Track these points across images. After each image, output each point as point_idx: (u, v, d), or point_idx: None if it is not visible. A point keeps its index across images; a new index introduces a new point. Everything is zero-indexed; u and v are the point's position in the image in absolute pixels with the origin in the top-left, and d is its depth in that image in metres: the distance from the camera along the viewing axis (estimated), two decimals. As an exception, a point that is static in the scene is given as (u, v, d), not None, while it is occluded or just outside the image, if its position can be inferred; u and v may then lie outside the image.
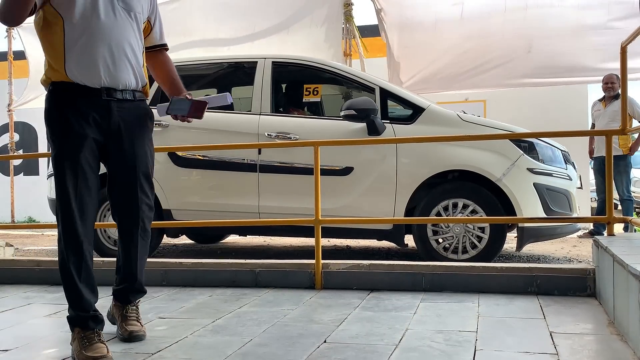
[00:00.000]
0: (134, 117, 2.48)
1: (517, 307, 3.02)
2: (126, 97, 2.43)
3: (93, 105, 2.36)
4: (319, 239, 3.72)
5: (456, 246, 4.57)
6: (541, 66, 6.91)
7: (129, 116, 2.45)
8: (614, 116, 6.53)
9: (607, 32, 6.62)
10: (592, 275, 3.25)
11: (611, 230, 3.52)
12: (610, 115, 6.62)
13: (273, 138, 4.88)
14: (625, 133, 3.68)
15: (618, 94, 6.59)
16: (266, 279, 3.72)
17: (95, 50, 2.32)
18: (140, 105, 2.52)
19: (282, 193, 4.87)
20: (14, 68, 8.99)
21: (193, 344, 2.49)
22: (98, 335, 2.34)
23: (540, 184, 4.54)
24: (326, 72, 5.11)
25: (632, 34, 3.32)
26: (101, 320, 2.42)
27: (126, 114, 2.45)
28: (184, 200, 5.09)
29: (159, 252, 6.05)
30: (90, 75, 2.33)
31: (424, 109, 4.74)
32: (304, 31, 7.57)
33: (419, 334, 2.55)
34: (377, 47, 8.34)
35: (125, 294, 2.64)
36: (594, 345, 2.38)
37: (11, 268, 4.15)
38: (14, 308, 3.25)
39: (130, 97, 2.45)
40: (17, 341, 2.59)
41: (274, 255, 5.81)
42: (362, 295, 3.40)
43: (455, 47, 7.09)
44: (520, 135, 4.54)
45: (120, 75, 2.39)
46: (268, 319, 2.88)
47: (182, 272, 3.86)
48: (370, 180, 4.71)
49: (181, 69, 5.50)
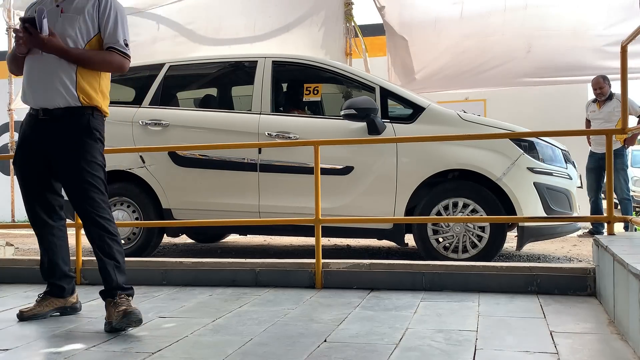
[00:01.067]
0: (67, 131, 2.84)
1: (517, 307, 3.02)
2: (58, 115, 2.82)
3: (34, 122, 2.89)
4: (319, 238, 3.72)
5: (456, 245, 4.57)
6: (541, 66, 6.91)
7: (61, 131, 2.84)
8: (609, 117, 6.58)
9: (606, 31, 6.62)
10: (593, 275, 3.25)
11: (611, 229, 3.52)
12: (605, 117, 6.63)
13: (273, 137, 4.88)
14: (626, 132, 3.68)
15: (611, 94, 6.62)
16: (266, 278, 3.72)
17: (31, 78, 2.85)
18: (77, 121, 2.85)
19: (282, 192, 4.87)
20: (14, 67, 8.99)
21: (193, 343, 2.49)
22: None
23: (540, 183, 4.54)
24: (326, 72, 5.11)
25: (632, 34, 3.32)
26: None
27: (58, 128, 2.83)
28: (184, 200, 5.09)
29: (159, 251, 6.05)
30: (29, 99, 2.87)
31: (424, 109, 4.74)
32: (304, 30, 7.57)
33: (419, 333, 2.56)
34: (378, 46, 8.34)
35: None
36: (594, 345, 2.38)
37: (12, 267, 4.15)
38: (14, 307, 3.25)
39: (61, 114, 2.82)
40: (18, 340, 2.60)
41: (274, 254, 5.81)
42: (362, 294, 3.40)
43: (455, 47, 7.09)
44: (521, 134, 4.53)
45: (50, 97, 2.80)
46: (268, 318, 2.88)
47: (182, 272, 3.86)
48: (371, 179, 4.71)
49: (182, 67, 5.53)
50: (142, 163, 5.16)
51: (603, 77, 6.62)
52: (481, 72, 7.08)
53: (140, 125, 5.21)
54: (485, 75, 7.10)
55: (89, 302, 3.39)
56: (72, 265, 4.02)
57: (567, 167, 4.86)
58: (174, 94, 5.62)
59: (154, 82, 5.34)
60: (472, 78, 7.14)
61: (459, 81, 7.22)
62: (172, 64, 5.45)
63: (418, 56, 7.25)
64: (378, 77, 5.13)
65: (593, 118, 6.81)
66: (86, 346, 2.48)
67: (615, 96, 6.55)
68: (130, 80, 5.62)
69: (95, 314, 3.06)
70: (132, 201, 5.22)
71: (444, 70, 7.19)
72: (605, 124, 6.54)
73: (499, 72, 7.05)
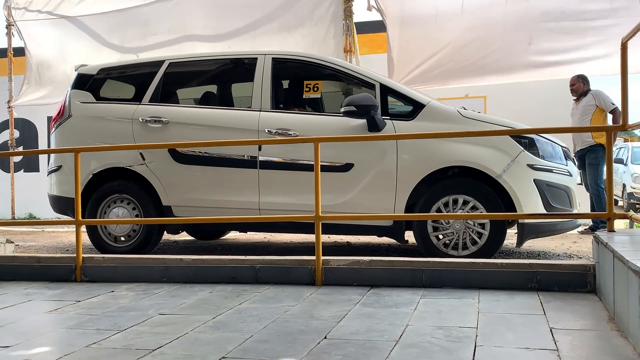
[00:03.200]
0: None
1: (517, 303, 3.02)
2: None
3: None
4: (319, 235, 3.72)
5: (456, 242, 4.57)
6: (542, 59, 6.89)
7: None
8: (585, 111, 6.64)
9: (609, 22, 6.59)
10: (592, 272, 3.26)
11: (611, 226, 3.52)
12: (582, 111, 6.69)
13: (273, 134, 4.88)
14: (626, 129, 3.67)
15: (587, 90, 6.69)
16: (266, 275, 3.72)
17: None
18: None
19: (282, 189, 4.87)
20: (14, 65, 8.99)
21: (194, 340, 2.50)
22: None
23: (540, 180, 4.54)
24: (326, 68, 5.11)
25: (633, 30, 3.31)
26: None
27: None
28: (184, 197, 5.09)
29: (159, 248, 6.06)
30: None
31: (424, 105, 4.74)
32: (304, 27, 7.57)
33: (419, 329, 2.56)
34: (378, 43, 8.33)
35: None
36: (594, 341, 2.38)
37: (12, 265, 4.16)
38: (14, 305, 3.26)
39: None
40: (18, 337, 2.60)
41: (275, 251, 5.81)
42: (362, 291, 3.40)
43: (455, 40, 7.07)
44: (521, 131, 4.53)
45: None
46: (268, 315, 2.88)
47: (182, 269, 3.87)
48: (371, 176, 4.71)
49: (182, 65, 5.53)
50: (142, 160, 5.16)
51: (578, 76, 6.74)
52: (482, 65, 7.07)
53: (140, 122, 5.21)
54: (486, 69, 7.09)
55: (89, 299, 3.39)
56: (72, 263, 4.04)
57: (567, 164, 4.86)
58: (174, 91, 5.62)
59: (153, 79, 5.34)
60: (473, 72, 7.12)
61: (459, 75, 7.20)
62: (171, 61, 5.45)
63: (418, 51, 7.22)
64: (378, 74, 5.12)
65: (572, 115, 6.87)
66: (86, 343, 2.48)
67: (590, 92, 6.67)
68: (130, 77, 5.62)
69: (95, 311, 3.06)
70: (132, 198, 5.23)
71: (444, 64, 7.17)
72: (583, 118, 6.63)
73: (500, 65, 7.04)
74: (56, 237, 7.62)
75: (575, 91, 6.78)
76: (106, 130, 5.32)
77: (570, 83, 6.81)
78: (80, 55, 8.24)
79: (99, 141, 5.28)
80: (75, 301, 3.35)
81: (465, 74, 7.18)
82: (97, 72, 5.51)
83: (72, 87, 5.55)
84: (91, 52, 8.35)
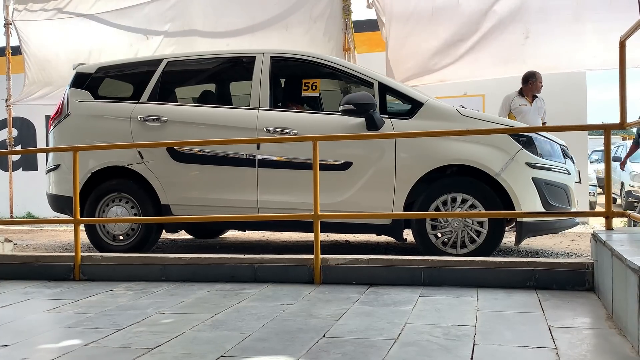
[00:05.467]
0: None
1: (515, 302, 3.03)
2: None
3: None
4: (318, 234, 3.72)
5: (455, 241, 4.57)
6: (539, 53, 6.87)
7: None
8: (539, 112, 6.56)
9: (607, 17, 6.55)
10: (591, 270, 3.26)
11: (610, 224, 3.53)
12: (537, 112, 6.58)
13: (272, 133, 4.87)
14: (625, 127, 3.67)
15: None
16: (265, 273, 3.72)
17: None
18: None
19: (280, 188, 4.87)
20: (12, 63, 8.97)
21: (192, 338, 2.50)
22: None
23: (538, 178, 4.54)
24: (325, 67, 5.10)
25: (631, 28, 3.30)
26: None
27: None
28: (182, 196, 5.09)
29: (158, 247, 6.05)
30: None
31: (423, 104, 4.74)
32: (303, 26, 7.56)
33: (417, 328, 2.56)
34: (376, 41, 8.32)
35: None
36: (593, 339, 2.39)
37: (10, 263, 4.16)
38: (13, 303, 3.26)
39: None
40: (17, 336, 2.60)
41: (273, 250, 5.82)
42: (361, 289, 3.40)
43: (452, 36, 7.05)
44: (519, 129, 4.53)
45: None
46: (267, 313, 2.88)
47: (181, 267, 3.87)
48: (369, 175, 4.71)
49: (180, 63, 5.52)
50: (140, 159, 5.16)
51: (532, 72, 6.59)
52: (478, 60, 7.06)
53: (138, 121, 5.20)
54: (483, 64, 7.07)
55: (88, 297, 3.39)
56: (71, 261, 4.04)
57: (566, 162, 4.86)
58: (172, 89, 5.61)
59: (152, 78, 5.33)
60: (470, 66, 7.10)
61: (456, 71, 7.18)
62: (170, 59, 5.44)
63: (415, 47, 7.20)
64: (376, 72, 5.12)
65: (525, 112, 6.54)
66: (85, 342, 2.48)
67: (539, 96, 6.59)
68: (128, 76, 5.61)
69: (93, 310, 3.06)
70: (131, 197, 5.23)
71: (441, 60, 7.15)
72: (537, 118, 6.54)
73: (496, 60, 7.02)
74: (54, 235, 7.61)
75: (538, 89, 6.58)
76: (104, 129, 5.32)
77: (540, 80, 6.58)
78: (80, 54, 8.22)
79: (97, 140, 5.27)
80: (73, 300, 3.35)
81: (462, 70, 7.17)
82: (95, 71, 5.50)
83: (70, 86, 5.54)
84: (91, 51, 8.34)
